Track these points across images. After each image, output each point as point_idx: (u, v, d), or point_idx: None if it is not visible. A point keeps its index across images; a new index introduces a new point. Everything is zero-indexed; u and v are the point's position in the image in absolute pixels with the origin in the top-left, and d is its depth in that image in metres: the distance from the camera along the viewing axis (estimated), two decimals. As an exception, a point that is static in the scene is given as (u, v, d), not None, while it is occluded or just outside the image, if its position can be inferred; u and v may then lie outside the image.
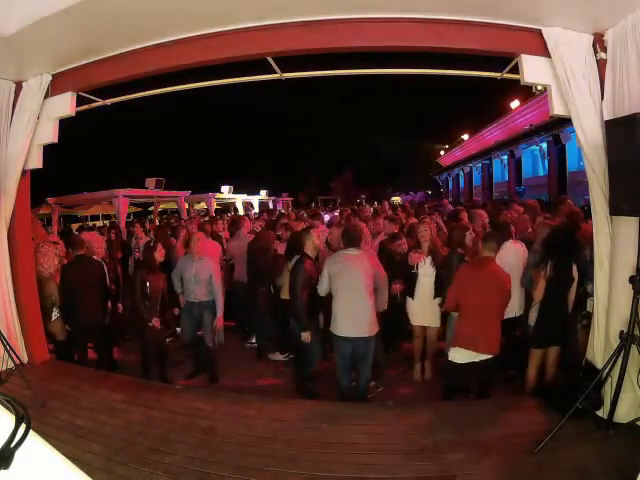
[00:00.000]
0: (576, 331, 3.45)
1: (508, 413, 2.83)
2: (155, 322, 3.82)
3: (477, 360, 2.97)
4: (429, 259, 3.74)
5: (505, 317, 3.54)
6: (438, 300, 3.65)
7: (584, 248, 3.36)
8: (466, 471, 2.21)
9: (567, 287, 3.14)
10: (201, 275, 4.05)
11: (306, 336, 3.50)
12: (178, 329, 5.06)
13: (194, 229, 5.75)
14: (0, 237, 3.65)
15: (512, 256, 3.58)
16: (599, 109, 2.58)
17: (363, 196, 26.05)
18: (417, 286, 3.75)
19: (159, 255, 4.00)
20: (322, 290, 3.32)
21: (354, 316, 3.14)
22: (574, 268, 3.17)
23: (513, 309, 3.55)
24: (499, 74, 3.32)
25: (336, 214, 9.28)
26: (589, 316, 3.32)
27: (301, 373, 3.84)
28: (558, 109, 2.78)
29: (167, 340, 4.70)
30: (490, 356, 2.97)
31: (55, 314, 4.10)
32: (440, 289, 3.60)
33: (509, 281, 3.02)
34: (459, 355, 2.99)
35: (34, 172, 3.86)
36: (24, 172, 3.71)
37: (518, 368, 3.53)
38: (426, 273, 3.73)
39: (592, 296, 3.25)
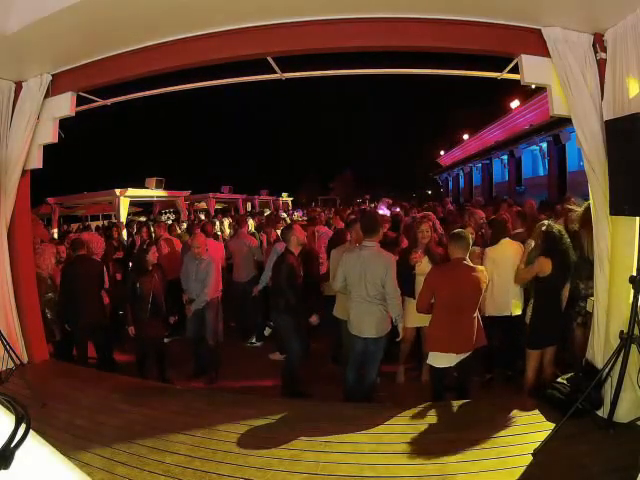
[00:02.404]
0: (572, 329, 3.45)
1: (508, 413, 2.83)
2: (131, 330, 3.91)
3: (456, 362, 2.93)
4: (425, 258, 3.74)
5: (502, 314, 3.55)
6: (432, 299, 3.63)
7: (579, 246, 3.37)
8: (466, 471, 2.21)
9: (561, 288, 3.14)
10: (201, 274, 4.11)
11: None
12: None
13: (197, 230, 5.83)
14: (0, 237, 3.65)
15: (508, 254, 3.57)
16: (599, 109, 2.58)
17: (367, 196, 25.52)
18: (415, 286, 3.72)
19: (152, 257, 4.02)
20: (337, 285, 3.32)
21: (364, 316, 3.14)
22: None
23: (510, 306, 3.54)
24: (499, 74, 3.32)
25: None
26: (584, 314, 3.32)
27: (287, 373, 3.78)
28: (558, 109, 2.78)
29: (166, 340, 4.71)
30: (469, 354, 2.94)
31: (48, 315, 4.11)
32: None
33: (484, 277, 2.97)
34: (437, 359, 2.94)
35: (34, 172, 3.86)
36: (24, 172, 3.70)
37: (517, 368, 3.54)
38: (422, 272, 3.72)
39: (583, 293, 3.27)
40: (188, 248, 4.57)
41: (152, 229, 6.74)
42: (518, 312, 3.52)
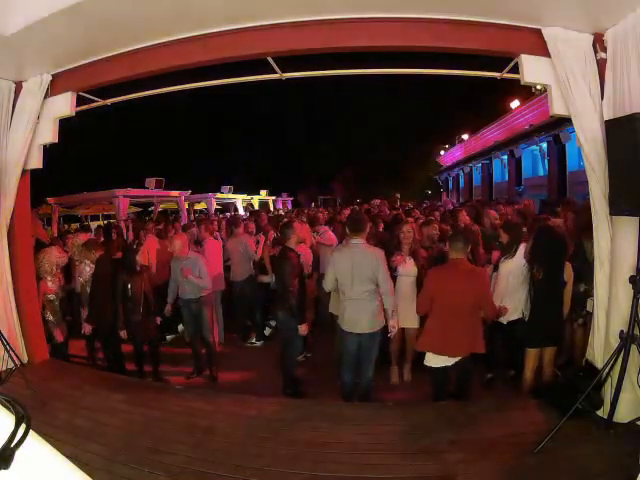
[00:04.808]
0: (572, 330, 3.44)
1: (508, 413, 2.83)
2: (123, 334, 3.91)
3: (452, 363, 2.92)
4: (411, 259, 3.75)
5: (510, 318, 3.53)
6: None
7: (582, 247, 3.37)
8: (466, 471, 2.21)
9: (558, 287, 3.12)
10: (192, 271, 4.13)
11: (303, 328, 3.52)
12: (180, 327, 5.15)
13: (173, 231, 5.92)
14: (0, 237, 3.65)
15: (520, 257, 3.56)
16: (599, 109, 2.58)
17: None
18: (398, 287, 3.68)
19: (142, 257, 4.03)
20: (328, 286, 3.27)
21: (358, 313, 3.14)
22: (569, 268, 3.16)
23: (519, 310, 3.53)
24: (499, 74, 3.31)
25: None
26: (584, 315, 3.32)
27: (286, 372, 3.77)
28: (558, 109, 2.77)
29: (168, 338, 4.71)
30: (465, 357, 2.92)
31: (49, 317, 4.10)
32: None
33: (484, 276, 2.97)
34: (433, 360, 2.94)
35: (34, 172, 3.86)
36: (24, 172, 3.70)
37: (518, 368, 3.54)
38: (408, 273, 3.72)
39: (587, 295, 3.25)
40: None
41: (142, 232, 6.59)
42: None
